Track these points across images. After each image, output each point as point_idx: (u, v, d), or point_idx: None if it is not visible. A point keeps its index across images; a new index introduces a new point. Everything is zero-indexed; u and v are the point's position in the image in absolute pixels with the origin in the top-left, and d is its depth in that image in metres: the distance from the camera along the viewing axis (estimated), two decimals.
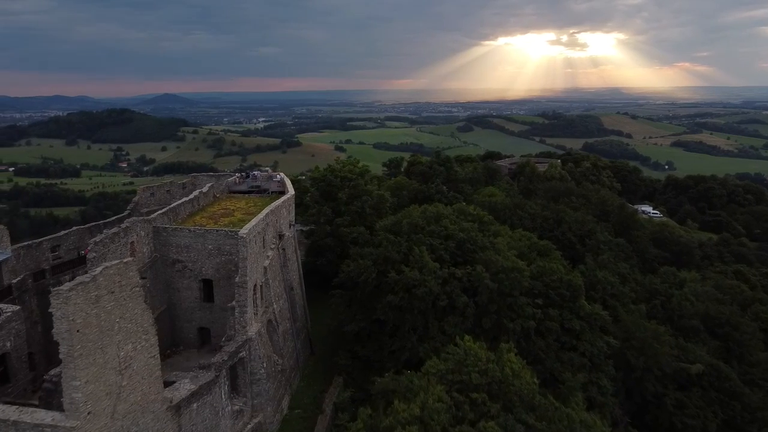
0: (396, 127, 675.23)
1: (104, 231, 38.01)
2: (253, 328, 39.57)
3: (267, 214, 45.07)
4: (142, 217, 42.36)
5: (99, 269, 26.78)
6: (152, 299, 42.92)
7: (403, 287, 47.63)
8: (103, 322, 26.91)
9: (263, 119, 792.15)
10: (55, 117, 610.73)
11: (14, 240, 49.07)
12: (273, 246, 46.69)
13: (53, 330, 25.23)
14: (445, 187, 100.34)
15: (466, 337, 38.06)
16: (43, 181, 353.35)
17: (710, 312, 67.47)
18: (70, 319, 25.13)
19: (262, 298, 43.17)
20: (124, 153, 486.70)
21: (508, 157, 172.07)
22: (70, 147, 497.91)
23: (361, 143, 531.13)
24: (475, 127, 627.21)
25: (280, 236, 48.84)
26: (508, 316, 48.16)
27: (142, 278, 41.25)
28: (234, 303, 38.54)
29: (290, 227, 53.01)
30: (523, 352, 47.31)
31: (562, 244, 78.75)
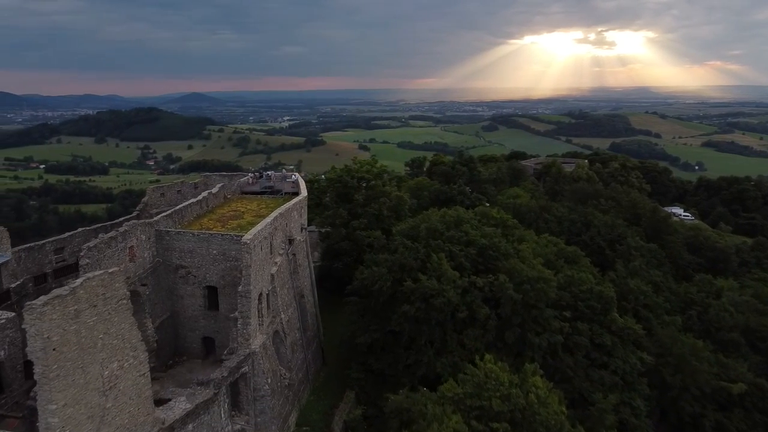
0: (420, 127, 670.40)
1: (99, 235, 35.79)
2: (258, 341, 36.95)
3: (275, 218, 42.43)
4: (143, 220, 40.08)
5: (79, 281, 24.35)
6: (154, 307, 40.72)
7: (420, 297, 44.58)
8: (83, 339, 24.46)
9: (288, 118, 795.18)
10: (85, 115, 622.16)
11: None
12: (282, 252, 44.04)
13: (27, 348, 22.90)
14: (468, 188, 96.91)
15: (487, 356, 34.78)
16: (72, 178, 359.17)
17: (751, 324, 62.76)
18: (45, 336, 22.71)
19: (268, 308, 40.56)
20: (151, 151, 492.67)
21: (534, 156, 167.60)
22: (99, 145, 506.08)
23: (385, 142, 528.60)
24: (500, 127, 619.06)
25: (290, 241, 46.19)
26: (533, 329, 44.69)
27: (143, 285, 39.08)
28: (236, 314, 35.98)
29: (302, 231, 50.33)
30: (550, 370, 43.95)
31: (590, 249, 74.84)
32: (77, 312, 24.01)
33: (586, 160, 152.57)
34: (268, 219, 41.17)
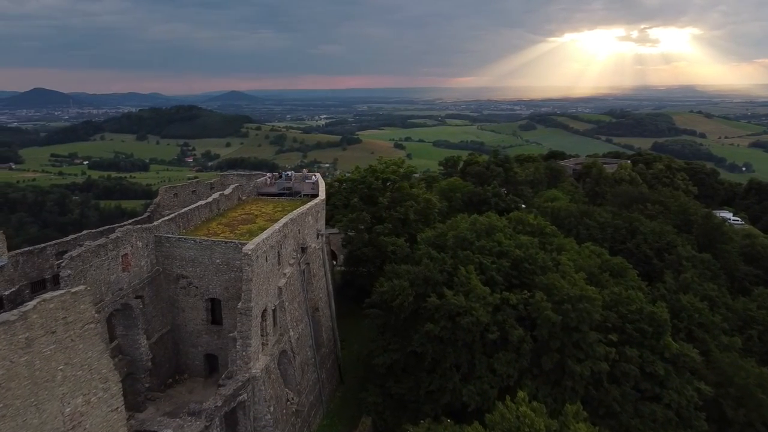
0: (457, 125, 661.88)
1: (86, 243, 32.37)
2: (260, 364, 32.89)
3: (285, 224, 38.34)
4: (139, 225, 36.57)
5: (32, 304, 20.70)
6: (151, 321, 37.18)
7: (446, 315, 39.75)
8: (38, 372, 20.79)
9: (325, 116, 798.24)
10: (128, 113, 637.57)
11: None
12: (293, 261, 39.91)
13: None
14: (503, 190, 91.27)
15: (520, 393, 29.69)
16: (114, 174, 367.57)
17: None
18: None
19: (275, 325, 36.54)
20: (190, 148, 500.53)
21: (573, 156, 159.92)
22: (140, 142, 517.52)
23: (420, 141, 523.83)
24: (538, 126, 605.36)
25: (303, 249, 42.03)
26: (574, 355, 39.25)
27: (137, 297, 35.53)
28: (235, 333, 32.01)
29: (318, 237, 46.15)
30: (593, 403, 38.50)
31: (636, 258, 68.49)
32: (29, 340, 20.35)
33: (629, 161, 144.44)
34: (276, 226, 37.08)
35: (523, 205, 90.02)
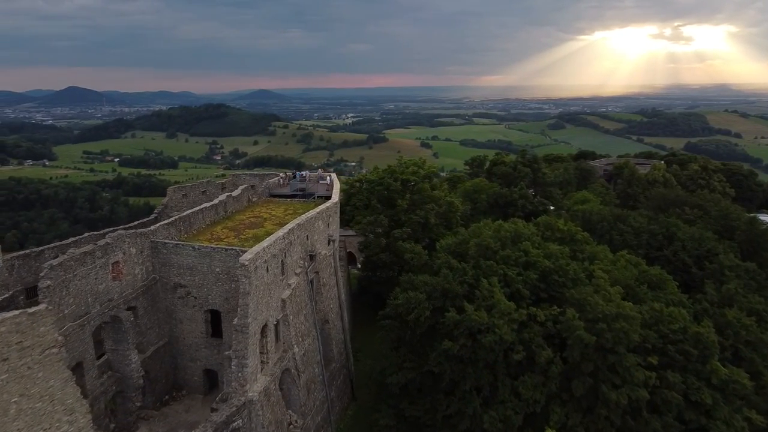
0: (484, 124, 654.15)
1: (69, 251, 29.76)
2: (258, 386, 29.80)
3: (290, 230, 35.20)
4: (133, 230, 33.91)
5: None
6: (146, 333, 34.52)
7: (466, 332, 36.10)
8: None
9: (352, 115, 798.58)
10: (158, 111, 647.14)
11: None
12: (299, 270, 36.76)
13: None
14: (531, 191, 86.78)
15: (549, 427, 25.93)
16: (143, 171, 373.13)
17: None
18: None
19: (277, 341, 33.47)
20: (218, 146, 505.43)
21: (604, 156, 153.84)
22: (169, 139, 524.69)
23: (447, 140, 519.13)
24: (567, 125, 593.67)
25: (312, 257, 38.86)
26: (610, 380, 35.14)
27: (129, 308, 32.86)
28: (230, 352, 29.00)
29: (329, 244, 42.93)
30: None
31: (673, 266, 63.50)
32: None
33: (662, 161, 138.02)
34: (280, 232, 33.97)
35: (552, 207, 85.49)
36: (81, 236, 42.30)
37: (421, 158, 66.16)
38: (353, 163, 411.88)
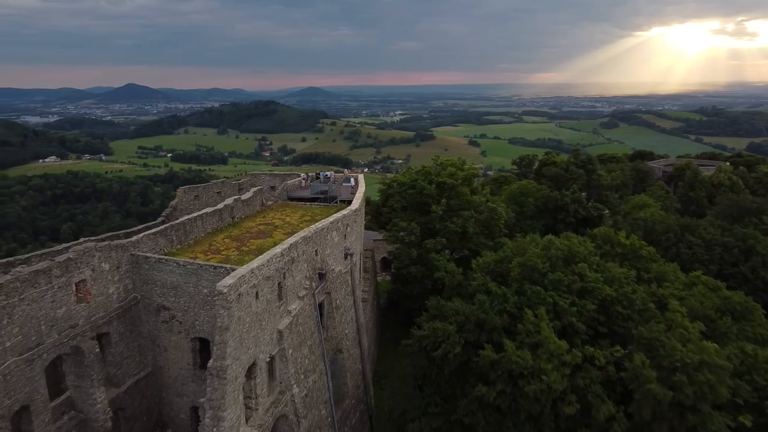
0: (534, 122, 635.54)
1: (15, 269, 24.70)
2: None
3: (291, 245, 29.16)
4: (107, 242, 28.79)
5: None
6: (121, 364, 29.30)
7: (505, 375, 29.22)
8: None
9: (400, 112, 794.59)
10: (210, 108, 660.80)
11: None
12: (304, 293, 30.73)
13: None
14: (583, 194, 78.07)
15: None
16: (194, 166, 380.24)
17: None
18: None
19: (271, 380, 27.59)
20: (267, 143, 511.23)
21: (662, 157, 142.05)
22: (220, 136, 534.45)
23: (496, 138, 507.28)
24: (621, 123, 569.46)
25: (322, 276, 32.78)
26: None
27: (100, 335, 27.67)
28: (203, 401, 23.26)
29: (347, 258, 36.75)
30: None
31: (751, 285, 54.74)
32: None
33: (727, 163, 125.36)
34: (278, 249, 27.96)
35: (606, 211, 76.70)
36: (76, 241, 37.10)
37: (460, 158, 59.06)
38: (400, 161, 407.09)
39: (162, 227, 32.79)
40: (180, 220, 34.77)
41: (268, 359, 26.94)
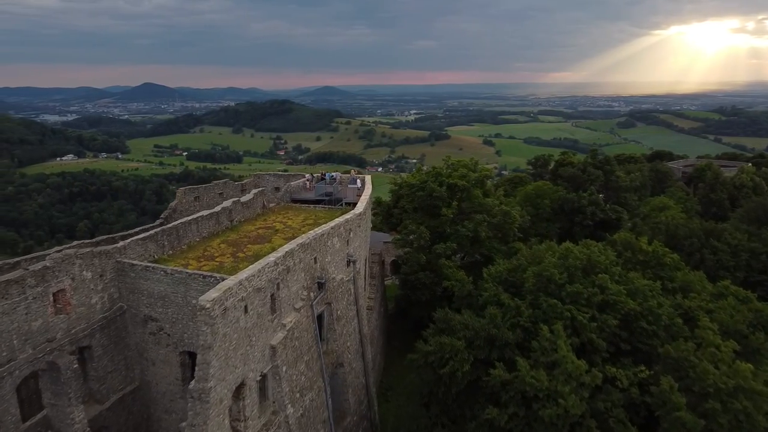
0: (549, 122, 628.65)
1: None
2: None
3: (287, 253, 26.99)
4: (90, 248, 26.93)
5: None
6: (104, 378, 27.39)
7: (518, 397, 26.81)
8: None
9: (414, 112, 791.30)
10: (225, 107, 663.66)
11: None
12: (300, 304, 28.56)
13: None
14: (601, 196, 74.97)
15: None
16: (209, 165, 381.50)
17: None
18: None
19: (262, 399, 25.47)
20: (282, 141, 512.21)
21: (681, 157, 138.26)
22: (236, 135, 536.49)
23: (511, 137, 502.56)
24: (638, 123, 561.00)
25: (321, 285, 30.59)
26: None
27: (81, 349, 25.78)
28: (184, 425, 21.21)
29: (349, 266, 34.54)
30: None
31: None
32: None
33: (750, 164, 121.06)
34: (271, 257, 25.82)
35: (625, 216, 73.59)
36: (69, 245, 35.30)
37: (472, 159, 56.51)
38: (414, 160, 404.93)
39: (152, 232, 30.86)
40: (173, 223, 32.83)
41: (258, 378, 24.83)
